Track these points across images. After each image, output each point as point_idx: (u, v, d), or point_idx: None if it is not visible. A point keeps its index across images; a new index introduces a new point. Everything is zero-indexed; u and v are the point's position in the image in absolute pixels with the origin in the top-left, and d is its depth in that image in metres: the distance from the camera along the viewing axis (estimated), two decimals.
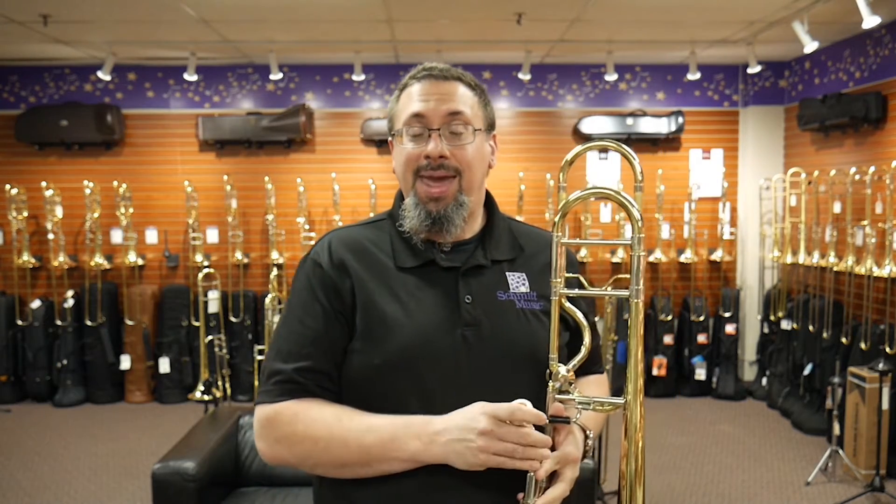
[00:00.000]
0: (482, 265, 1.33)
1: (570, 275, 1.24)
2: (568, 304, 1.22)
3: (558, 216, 1.20)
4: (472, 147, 1.31)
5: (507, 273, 1.35)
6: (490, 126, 1.38)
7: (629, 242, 1.15)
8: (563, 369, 1.19)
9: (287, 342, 1.30)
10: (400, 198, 1.38)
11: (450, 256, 1.33)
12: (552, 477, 1.20)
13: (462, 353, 1.26)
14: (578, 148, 1.28)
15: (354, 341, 1.28)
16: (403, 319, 1.26)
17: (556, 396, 1.19)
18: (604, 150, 6.30)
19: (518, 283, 1.34)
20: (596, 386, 1.45)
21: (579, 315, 1.23)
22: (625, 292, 1.16)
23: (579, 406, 1.19)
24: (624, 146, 1.31)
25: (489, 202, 1.42)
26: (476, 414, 1.16)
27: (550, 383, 1.19)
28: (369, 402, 1.25)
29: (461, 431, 1.16)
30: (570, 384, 1.20)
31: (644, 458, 1.17)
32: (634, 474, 1.16)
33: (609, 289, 1.22)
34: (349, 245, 1.33)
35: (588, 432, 1.28)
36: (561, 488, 1.19)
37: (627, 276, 1.18)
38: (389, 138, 1.39)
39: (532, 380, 1.25)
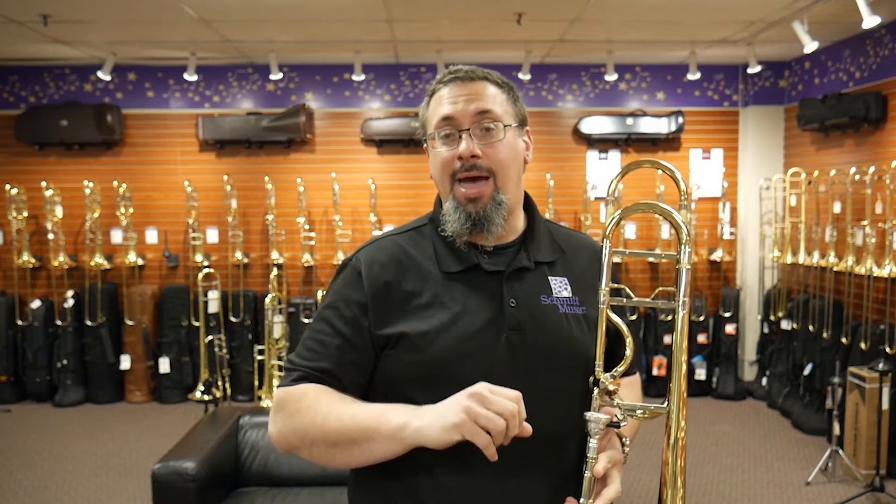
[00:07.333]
0: (526, 268, 1.33)
1: (616, 285, 1.26)
2: (612, 314, 1.24)
3: (609, 227, 1.25)
4: (504, 144, 1.30)
5: (549, 277, 1.34)
6: (522, 121, 1.36)
7: (677, 256, 1.21)
8: (608, 377, 1.21)
9: (313, 340, 1.31)
10: (439, 202, 1.39)
11: (493, 259, 1.33)
12: (601, 480, 1.21)
13: (505, 357, 1.25)
14: (625, 168, 1.40)
15: (394, 347, 1.27)
16: (448, 323, 1.26)
17: (602, 403, 1.20)
18: (605, 150, 6.33)
19: (560, 287, 1.34)
20: (629, 386, 1.45)
21: (622, 324, 1.24)
22: (671, 304, 1.22)
23: (625, 412, 1.22)
24: (669, 165, 1.39)
25: (529, 203, 1.41)
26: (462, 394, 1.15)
27: (596, 390, 1.21)
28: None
29: (447, 404, 1.15)
30: (615, 391, 1.22)
31: (685, 462, 1.19)
32: (674, 477, 1.18)
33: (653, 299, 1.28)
34: (392, 253, 1.33)
35: (625, 439, 1.29)
36: (615, 488, 1.21)
37: (671, 288, 1.24)
38: (424, 145, 1.39)
39: (574, 384, 1.27)
